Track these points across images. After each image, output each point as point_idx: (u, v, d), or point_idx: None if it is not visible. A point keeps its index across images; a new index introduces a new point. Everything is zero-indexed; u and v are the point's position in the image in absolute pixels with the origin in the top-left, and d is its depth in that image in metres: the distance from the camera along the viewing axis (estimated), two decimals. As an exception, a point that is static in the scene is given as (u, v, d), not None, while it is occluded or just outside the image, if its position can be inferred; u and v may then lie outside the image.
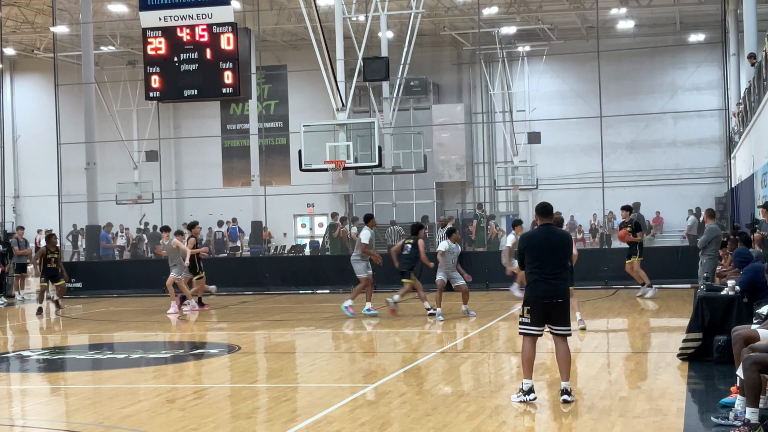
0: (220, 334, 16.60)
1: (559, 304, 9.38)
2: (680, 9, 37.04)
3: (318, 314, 19.11)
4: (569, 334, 9.49)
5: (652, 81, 38.99)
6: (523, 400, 9.39)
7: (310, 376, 12.01)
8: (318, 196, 38.60)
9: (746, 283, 11.45)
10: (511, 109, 39.55)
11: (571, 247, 9.76)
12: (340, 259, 24.27)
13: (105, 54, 39.59)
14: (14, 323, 20.17)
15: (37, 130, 41.06)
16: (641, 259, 20.00)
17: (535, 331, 9.45)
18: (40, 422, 9.62)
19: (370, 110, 33.75)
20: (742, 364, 7.86)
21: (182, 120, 43.04)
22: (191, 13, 17.46)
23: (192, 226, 20.65)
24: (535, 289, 9.39)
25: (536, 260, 9.41)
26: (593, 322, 16.60)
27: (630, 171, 36.91)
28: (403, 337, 15.68)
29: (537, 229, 9.70)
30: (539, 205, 9.71)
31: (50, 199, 31.57)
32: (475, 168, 41.37)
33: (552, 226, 9.63)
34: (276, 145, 40.24)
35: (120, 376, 12.35)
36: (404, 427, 8.65)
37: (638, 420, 8.60)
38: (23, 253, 25.14)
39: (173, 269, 19.73)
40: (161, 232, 20.86)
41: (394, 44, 32.01)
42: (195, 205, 37.68)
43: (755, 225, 18.76)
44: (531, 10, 36.95)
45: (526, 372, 9.45)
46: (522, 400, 9.40)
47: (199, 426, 8.89)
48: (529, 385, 9.43)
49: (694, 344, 11.50)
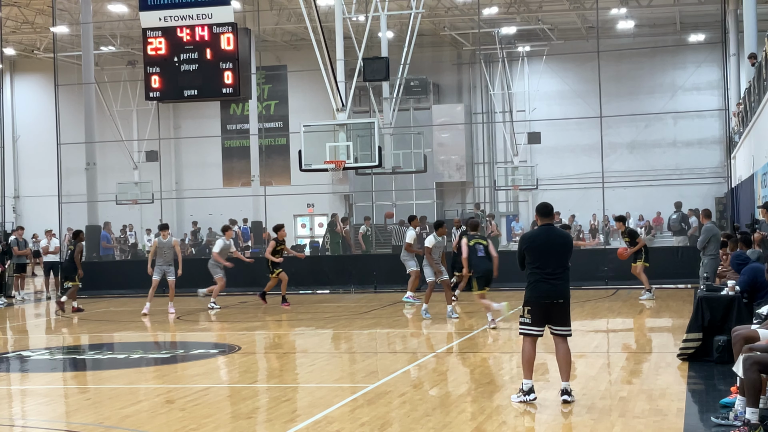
0: (220, 334, 16.61)
1: (560, 305, 9.38)
2: (680, 9, 37.03)
3: (318, 314, 19.11)
4: (569, 335, 9.49)
5: (652, 81, 38.98)
6: (523, 401, 9.39)
7: (310, 376, 12.00)
8: (318, 197, 38.59)
9: (746, 284, 11.46)
10: (511, 109, 39.54)
11: (571, 248, 9.75)
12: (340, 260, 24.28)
13: (105, 54, 39.58)
14: (14, 323, 20.17)
15: (37, 130, 41.04)
16: (646, 264, 19.90)
17: (535, 332, 9.46)
18: (40, 422, 9.62)
19: (370, 110, 33.76)
20: (742, 365, 7.86)
21: (182, 120, 43.03)
22: (191, 13, 17.46)
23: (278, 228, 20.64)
24: (536, 289, 9.41)
25: (537, 260, 9.42)
26: (593, 322, 16.61)
27: (630, 171, 36.90)
28: (403, 337, 15.68)
29: (538, 229, 9.69)
30: (540, 205, 9.71)
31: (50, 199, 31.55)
32: (475, 168, 41.36)
33: (553, 226, 9.66)
34: (276, 145, 40.22)
35: (120, 376, 12.35)
36: (404, 427, 8.65)
37: (638, 420, 8.60)
38: (23, 254, 25.14)
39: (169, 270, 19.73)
40: (160, 230, 20.58)
41: (394, 44, 32.01)
42: (195, 206, 37.67)
43: (755, 225, 18.75)
44: (531, 10, 36.94)
45: (526, 372, 9.46)
46: (522, 401, 9.40)
47: (199, 426, 8.89)
48: (529, 386, 9.44)
49: (694, 344, 11.50)
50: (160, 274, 19.76)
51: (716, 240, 16.29)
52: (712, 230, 16.43)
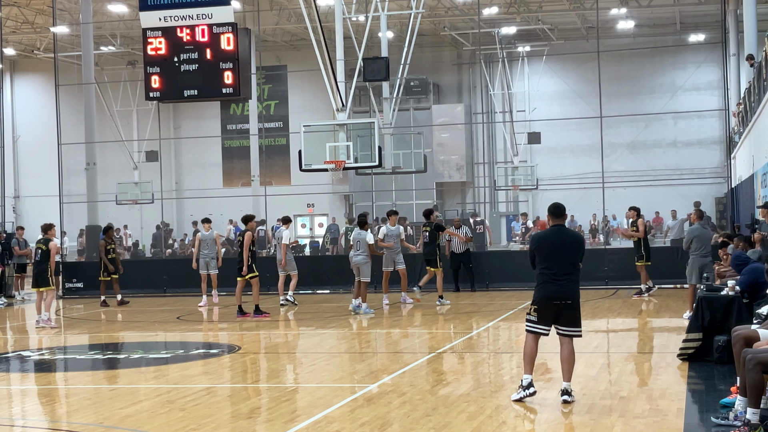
0: (220, 334, 16.61)
1: (569, 306, 9.39)
2: (680, 9, 37.04)
3: (318, 314, 19.11)
4: (578, 335, 9.49)
5: (652, 81, 38.99)
6: (522, 396, 9.42)
7: (310, 376, 12.00)
8: (318, 197, 38.60)
9: (746, 284, 11.46)
10: (511, 109, 39.53)
11: (582, 249, 9.69)
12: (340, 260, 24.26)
13: (105, 54, 39.58)
14: (14, 323, 20.17)
15: (37, 130, 41.05)
16: (647, 263, 20.13)
17: (540, 330, 9.51)
18: (40, 422, 9.62)
19: (370, 110, 33.75)
20: (744, 365, 7.85)
21: (182, 120, 43.04)
22: (191, 13, 17.46)
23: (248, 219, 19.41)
24: (544, 289, 9.43)
25: (546, 261, 9.43)
26: (593, 322, 16.61)
27: (630, 171, 36.90)
28: (403, 337, 15.68)
29: (549, 229, 9.63)
30: (552, 205, 9.65)
31: (50, 199, 31.57)
32: (475, 168, 41.35)
33: (564, 227, 9.60)
34: (276, 145, 40.23)
35: (120, 376, 12.36)
36: (404, 427, 8.65)
37: (638, 420, 8.60)
38: (23, 253, 25.12)
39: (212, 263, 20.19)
40: (202, 223, 21.18)
41: (394, 44, 32.02)
42: (195, 206, 37.65)
43: (755, 225, 18.77)
44: (531, 10, 36.94)
45: (527, 367, 9.51)
46: (521, 396, 9.42)
47: (199, 426, 8.89)
48: (528, 380, 9.48)
49: (694, 344, 11.50)
50: (205, 268, 20.51)
51: (700, 240, 16.32)
52: (694, 231, 16.49)
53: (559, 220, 9.58)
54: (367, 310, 18.40)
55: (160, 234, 35.18)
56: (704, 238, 16.30)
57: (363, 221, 19.08)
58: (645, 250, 20.15)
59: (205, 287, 20.73)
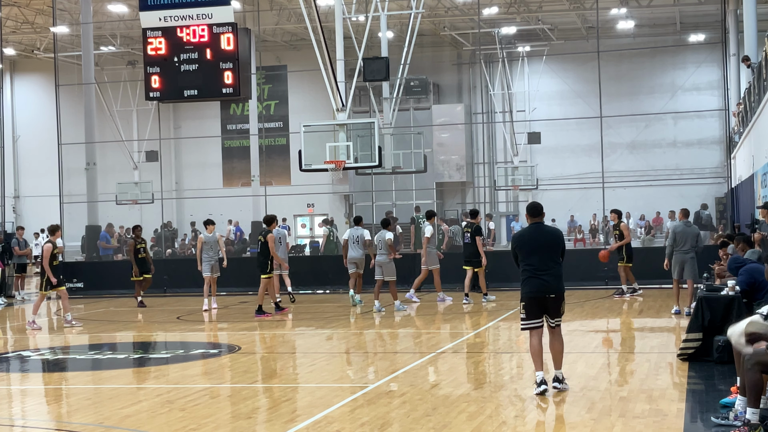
0: (220, 334, 16.61)
1: (552, 299, 9.78)
2: (680, 9, 37.04)
3: (318, 314, 19.11)
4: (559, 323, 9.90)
5: (652, 81, 39.00)
6: (538, 392, 9.66)
7: (310, 376, 12.00)
8: (318, 197, 38.61)
9: (746, 284, 11.45)
10: (511, 109, 39.55)
11: (561, 243, 10.03)
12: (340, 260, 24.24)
13: (105, 54, 39.59)
14: (14, 323, 20.17)
15: (37, 130, 41.06)
16: (629, 265, 20.19)
17: (534, 324, 9.85)
18: (40, 422, 9.62)
19: (370, 110, 33.74)
20: (744, 364, 7.85)
21: (182, 120, 43.04)
22: (191, 13, 17.46)
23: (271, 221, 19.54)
24: (527, 285, 9.84)
25: (527, 257, 9.86)
26: (593, 322, 16.61)
27: (630, 171, 36.92)
28: (403, 337, 15.68)
29: (527, 227, 10.17)
30: (529, 205, 10.17)
31: (50, 199, 31.58)
32: (475, 168, 41.36)
33: (541, 224, 10.05)
34: (276, 145, 40.24)
35: (120, 376, 12.36)
36: (404, 427, 8.65)
37: (638, 420, 8.60)
38: (23, 253, 25.13)
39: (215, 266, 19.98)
40: (205, 225, 20.54)
41: (394, 44, 32.02)
42: (195, 206, 37.66)
43: (755, 225, 18.77)
44: (531, 10, 36.95)
45: (537, 365, 9.82)
46: (537, 392, 9.66)
47: (199, 426, 8.89)
48: (540, 377, 9.73)
49: (694, 344, 11.50)
50: (209, 270, 20.00)
51: (680, 236, 16.39)
52: (676, 228, 16.63)
53: (537, 219, 10.05)
54: (400, 306, 18.79)
55: (161, 234, 35.15)
56: (685, 234, 16.45)
57: (386, 221, 19.46)
58: (626, 252, 20.24)
59: (207, 290, 20.43)
